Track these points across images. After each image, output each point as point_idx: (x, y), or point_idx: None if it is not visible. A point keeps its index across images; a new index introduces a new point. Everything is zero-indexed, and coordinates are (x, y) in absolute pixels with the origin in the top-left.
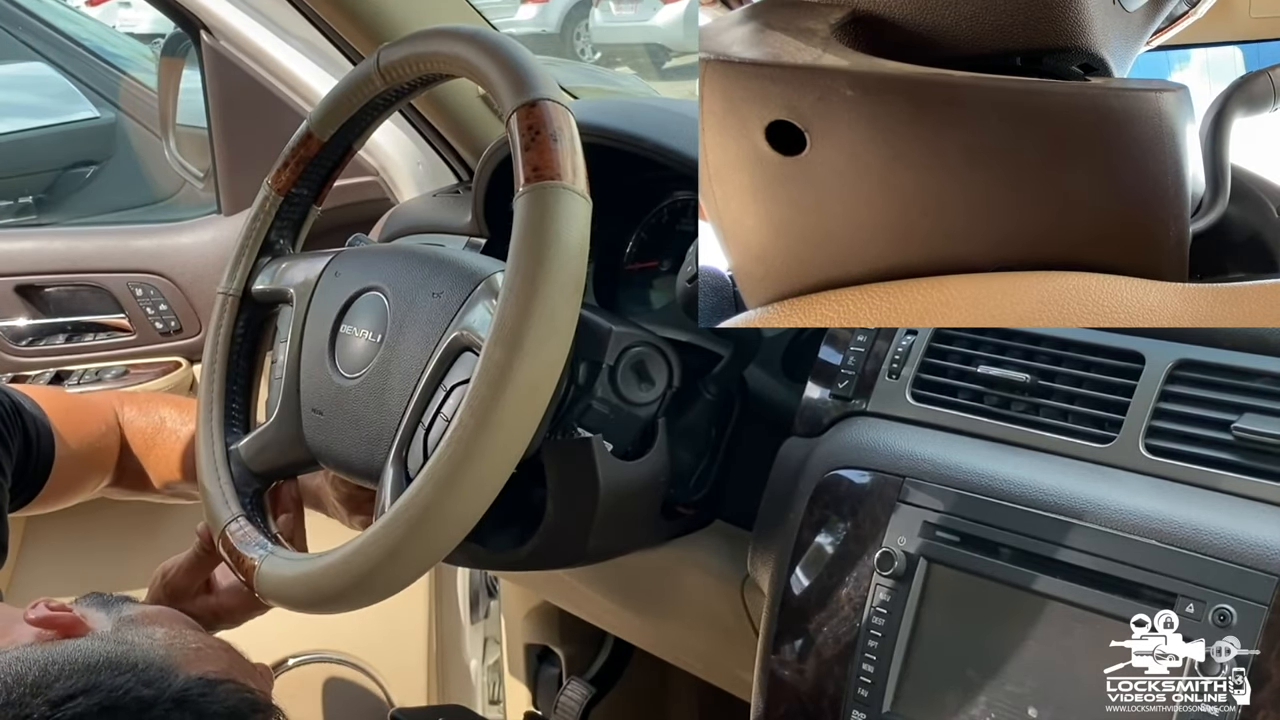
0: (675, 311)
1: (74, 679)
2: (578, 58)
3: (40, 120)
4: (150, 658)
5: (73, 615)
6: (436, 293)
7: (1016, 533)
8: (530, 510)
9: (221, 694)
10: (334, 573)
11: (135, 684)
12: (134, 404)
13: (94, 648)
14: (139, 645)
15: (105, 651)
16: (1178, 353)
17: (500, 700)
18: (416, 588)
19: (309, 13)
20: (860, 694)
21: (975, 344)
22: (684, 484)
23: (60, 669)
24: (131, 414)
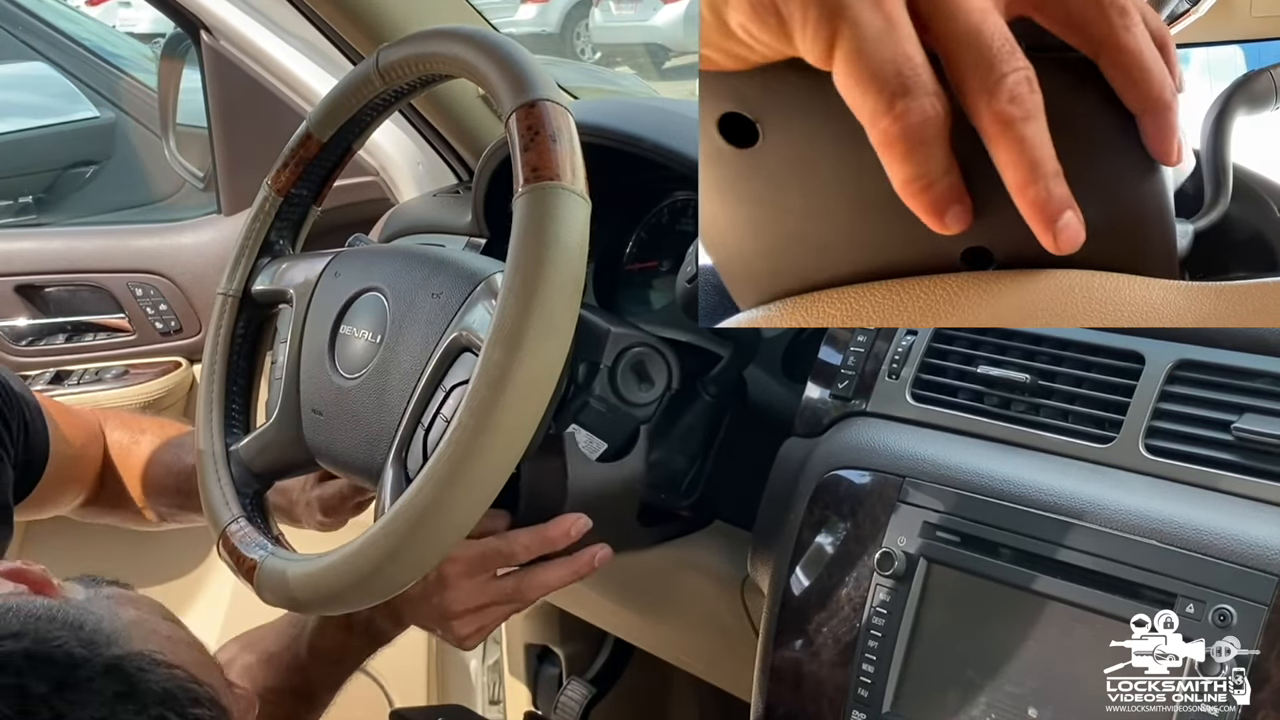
0: (675, 311)
1: (11, 624)
2: (578, 58)
3: (40, 120)
4: (99, 625)
5: (41, 574)
6: (436, 293)
7: (1016, 533)
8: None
9: (161, 675)
10: (334, 573)
11: (70, 640)
12: (117, 419)
13: (49, 604)
14: (97, 613)
15: (57, 609)
16: (1178, 353)
17: (500, 700)
18: None
19: (309, 13)
20: (860, 694)
21: (975, 344)
22: (674, 488)
23: (3, 614)
24: (114, 428)
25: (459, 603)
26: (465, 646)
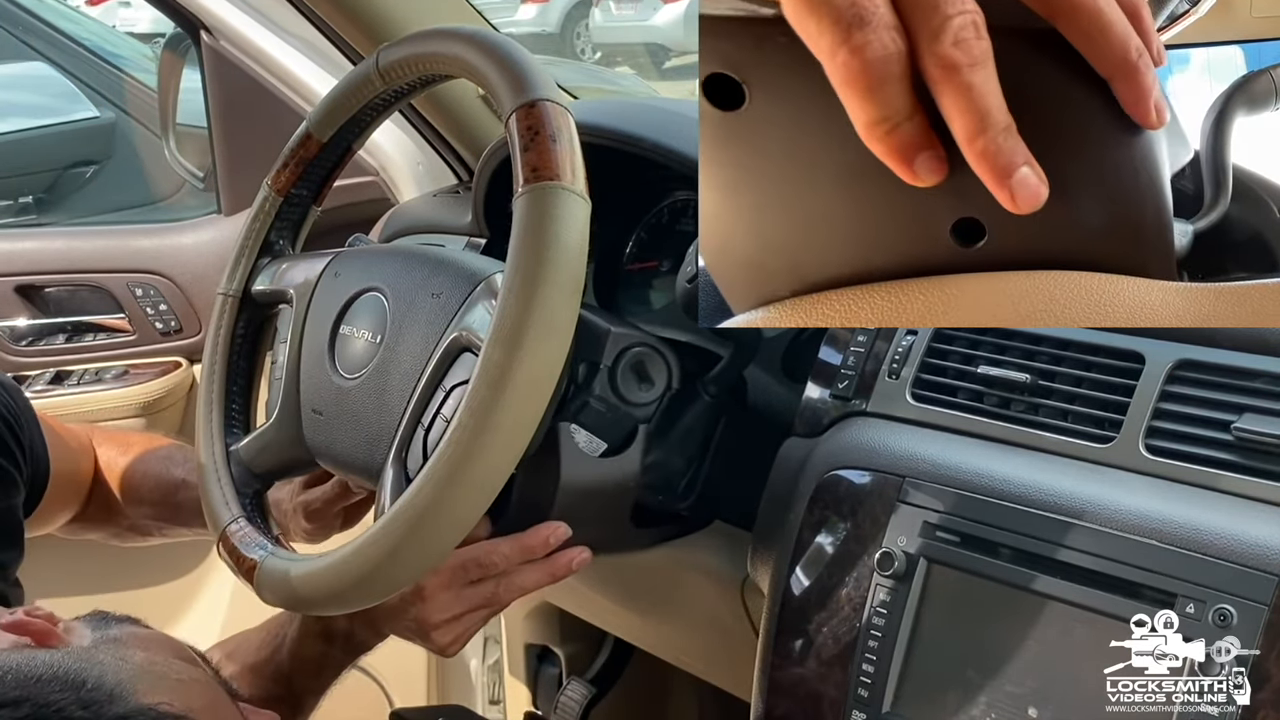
0: (675, 311)
1: (12, 689)
2: (578, 58)
3: (40, 120)
4: (104, 679)
5: (44, 624)
6: (436, 293)
7: (1016, 533)
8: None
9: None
10: (334, 573)
11: (71, 703)
12: (104, 434)
13: (53, 660)
14: (103, 664)
15: (62, 665)
16: (1178, 353)
17: (500, 700)
18: None
19: (309, 13)
20: (860, 694)
21: (975, 344)
22: (671, 489)
23: (3, 675)
24: (102, 442)
25: (437, 614)
26: (447, 654)
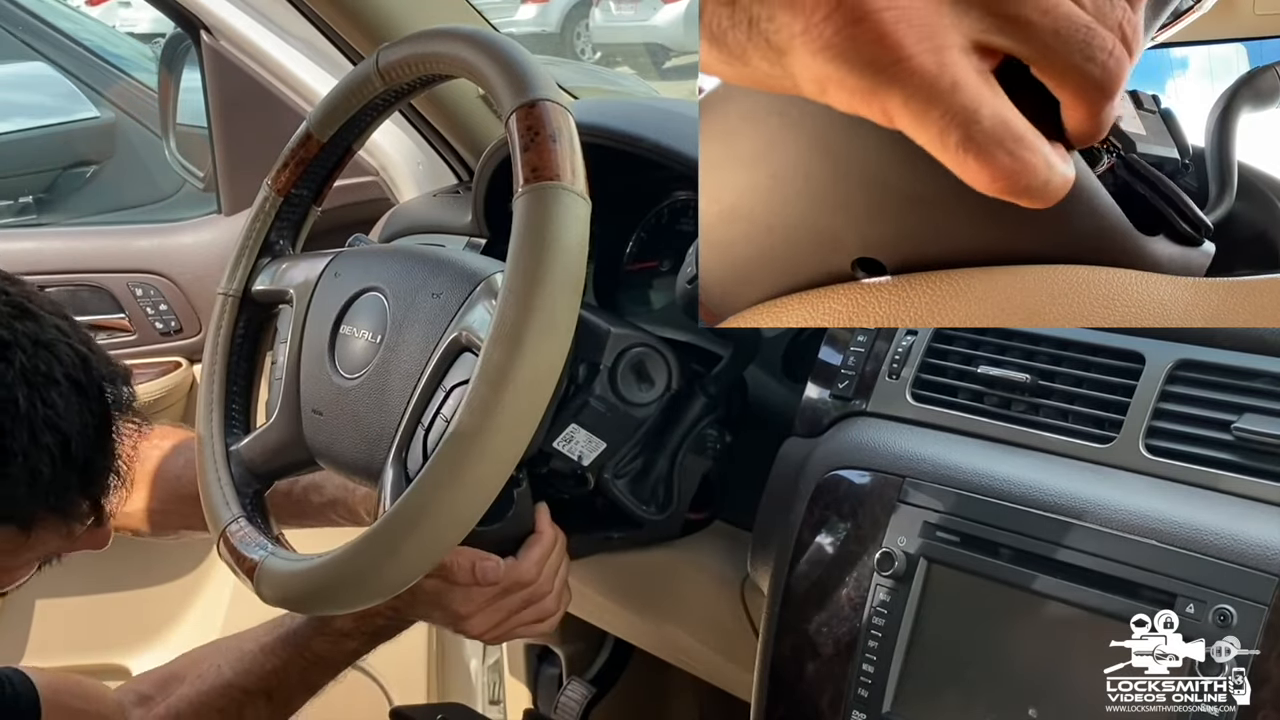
0: (675, 312)
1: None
2: (578, 58)
3: (40, 120)
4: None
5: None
6: (436, 293)
7: (1016, 533)
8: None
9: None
10: (334, 573)
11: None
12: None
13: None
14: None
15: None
16: (1178, 353)
17: (500, 700)
18: None
19: (309, 13)
20: (860, 694)
21: (975, 344)
22: (639, 497)
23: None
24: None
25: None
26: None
